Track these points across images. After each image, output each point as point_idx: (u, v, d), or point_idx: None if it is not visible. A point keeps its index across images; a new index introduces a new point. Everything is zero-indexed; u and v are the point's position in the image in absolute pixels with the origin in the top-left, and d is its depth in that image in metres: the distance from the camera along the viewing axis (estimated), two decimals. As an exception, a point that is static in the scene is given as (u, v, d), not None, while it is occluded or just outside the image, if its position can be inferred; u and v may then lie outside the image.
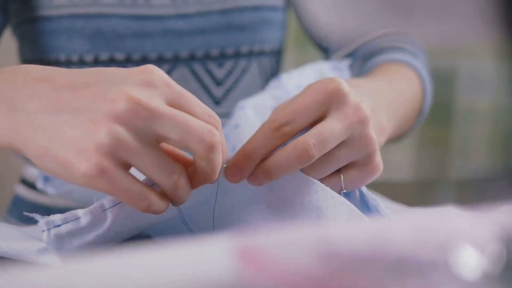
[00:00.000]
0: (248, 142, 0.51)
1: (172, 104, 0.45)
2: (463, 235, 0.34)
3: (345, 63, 0.75)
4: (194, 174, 0.48)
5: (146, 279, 0.30)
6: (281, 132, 0.50)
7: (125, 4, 0.78)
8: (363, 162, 0.53)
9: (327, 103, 0.51)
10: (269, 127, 0.51)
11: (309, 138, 0.49)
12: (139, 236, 0.45)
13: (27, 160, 0.83)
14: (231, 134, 0.65)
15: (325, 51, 0.89)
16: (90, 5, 0.77)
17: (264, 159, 0.51)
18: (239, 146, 0.64)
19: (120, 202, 0.49)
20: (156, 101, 0.44)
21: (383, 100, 0.62)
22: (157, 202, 0.46)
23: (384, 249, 0.32)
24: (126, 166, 0.45)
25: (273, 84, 0.72)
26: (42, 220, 0.49)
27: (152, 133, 0.44)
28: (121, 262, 0.32)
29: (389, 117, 0.63)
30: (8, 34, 0.85)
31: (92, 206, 0.50)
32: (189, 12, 0.80)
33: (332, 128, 0.50)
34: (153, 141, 0.44)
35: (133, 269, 0.31)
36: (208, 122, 0.46)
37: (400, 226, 0.35)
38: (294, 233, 0.34)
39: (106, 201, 0.49)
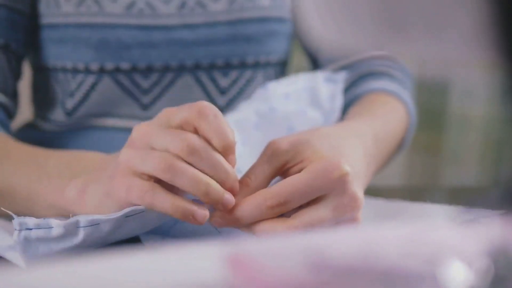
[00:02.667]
0: (241, 206, 0.52)
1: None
2: (451, 248, 0.34)
3: (341, 75, 0.74)
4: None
5: (135, 286, 0.30)
6: (276, 210, 0.52)
7: (131, 14, 0.78)
8: None
9: (328, 190, 0.53)
10: (266, 202, 0.52)
11: (298, 225, 0.51)
12: (128, 241, 0.45)
13: None
14: None
15: (314, 62, 0.90)
16: (96, 14, 0.78)
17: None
18: None
19: (97, 224, 0.49)
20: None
21: (376, 151, 0.65)
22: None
23: (373, 260, 0.32)
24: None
25: (259, 92, 0.72)
26: (17, 219, 0.50)
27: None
28: (109, 267, 0.32)
29: (377, 165, 0.66)
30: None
31: (67, 221, 0.50)
32: (195, 22, 0.80)
33: (324, 217, 0.52)
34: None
35: (122, 275, 0.31)
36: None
37: (390, 237, 0.35)
38: (284, 243, 0.34)
39: (82, 219, 0.50)
